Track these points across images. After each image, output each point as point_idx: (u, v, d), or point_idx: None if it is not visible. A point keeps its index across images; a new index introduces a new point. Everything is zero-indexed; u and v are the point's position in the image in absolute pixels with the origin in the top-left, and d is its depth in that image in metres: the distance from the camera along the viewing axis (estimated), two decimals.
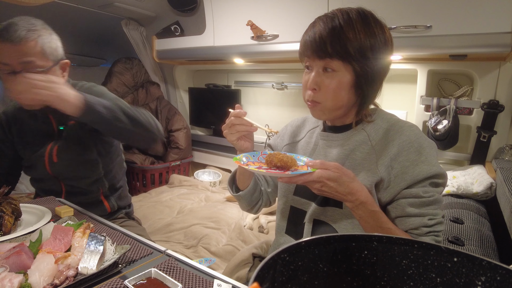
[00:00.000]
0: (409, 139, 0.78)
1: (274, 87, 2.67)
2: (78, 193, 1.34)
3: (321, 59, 0.78)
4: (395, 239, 0.38)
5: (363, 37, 0.75)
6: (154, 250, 0.87)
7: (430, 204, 0.76)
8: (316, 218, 0.87)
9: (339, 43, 0.74)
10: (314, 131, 0.96)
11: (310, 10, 1.93)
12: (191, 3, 2.46)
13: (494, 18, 1.44)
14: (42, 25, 1.13)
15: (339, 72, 0.77)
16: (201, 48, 2.46)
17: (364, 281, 0.38)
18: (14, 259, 0.71)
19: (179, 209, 2.28)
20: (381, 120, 0.85)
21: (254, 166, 0.79)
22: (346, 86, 0.78)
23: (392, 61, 0.83)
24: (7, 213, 0.93)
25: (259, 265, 0.31)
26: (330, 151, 0.87)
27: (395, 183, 0.77)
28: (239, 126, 0.86)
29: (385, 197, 0.80)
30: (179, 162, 3.02)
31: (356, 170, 0.82)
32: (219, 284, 0.71)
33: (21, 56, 1.06)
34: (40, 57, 1.09)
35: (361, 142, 0.83)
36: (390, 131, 0.81)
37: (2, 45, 1.05)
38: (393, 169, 0.78)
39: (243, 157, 0.83)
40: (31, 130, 1.29)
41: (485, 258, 0.33)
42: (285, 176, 0.72)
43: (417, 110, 1.95)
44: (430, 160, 0.76)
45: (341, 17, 0.76)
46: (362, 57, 0.75)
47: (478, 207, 1.52)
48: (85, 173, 1.33)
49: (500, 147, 1.73)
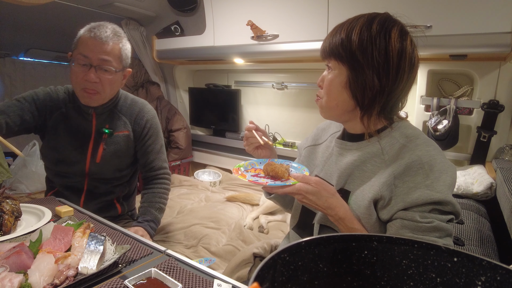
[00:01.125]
0: (420, 159, 0.73)
1: (274, 87, 2.67)
2: (99, 193, 1.38)
3: (324, 58, 0.84)
4: (395, 239, 0.38)
5: (356, 42, 0.76)
6: (154, 250, 0.87)
7: (428, 230, 0.71)
8: (322, 223, 0.88)
9: (335, 43, 0.79)
10: (334, 136, 0.96)
11: (310, 10, 1.93)
12: (191, 3, 2.46)
13: (494, 18, 1.44)
14: (124, 34, 1.29)
15: (335, 70, 0.81)
16: (201, 48, 2.47)
17: (364, 281, 0.38)
18: (14, 259, 0.71)
19: (179, 209, 2.28)
20: (399, 134, 0.81)
21: (253, 173, 0.88)
22: (338, 85, 0.80)
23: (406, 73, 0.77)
24: (7, 213, 0.93)
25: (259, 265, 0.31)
26: (342, 159, 0.87)
27: (395, 202, 0.75)
28: (252, 138, 0.96)
29: (384, 215, 0.77)
30: (179, 162, 3.02)
31: (362, 181, 0.81)
32: (219, 284, 0.71)
33: (103, 54, 1.19)
34: (117, 60, 1.24)
35: (373, 155, 0.81)
36: (404, 148, 0.77)
37: (90, 40, 1.18)
38: (396, 187, 0.75)
39: (247, 164, 0.94)
40: (72, 122, 1.32)
41: (485, 258, 0.33)
42: (266, 187, 0.81)
43: (417, 110, 1.95)
44: (436, 186, 0.71)
45: (349, 22, 0.80)
46: (354, 60, 0.77)
47: (478, 207, 1.52)
48: (117, 177, 1.39)
49: (500, 147, 1.73)
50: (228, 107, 2.89)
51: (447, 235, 0.72)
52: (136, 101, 1.41)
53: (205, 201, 2.47)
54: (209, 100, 3.02)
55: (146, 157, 1.40)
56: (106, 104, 1.32)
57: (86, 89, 1.21)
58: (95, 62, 1.19)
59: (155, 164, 1.42)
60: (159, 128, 1.44)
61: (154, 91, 3.10)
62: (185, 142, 3.01)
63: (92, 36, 1.18)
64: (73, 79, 1.22)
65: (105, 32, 1.19)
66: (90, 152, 1.31)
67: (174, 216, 2.19)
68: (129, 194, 1.50)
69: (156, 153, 1.42)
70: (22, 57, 2.90)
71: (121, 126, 1.35)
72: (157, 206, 1.36)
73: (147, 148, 1.40)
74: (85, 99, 1.24)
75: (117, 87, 1.32)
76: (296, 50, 2.04)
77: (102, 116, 1.33)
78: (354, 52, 0.76)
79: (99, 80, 1.21)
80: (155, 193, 1.39)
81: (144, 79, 3.12)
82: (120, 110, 1.36)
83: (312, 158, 1.00)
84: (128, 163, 1.41)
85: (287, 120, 2.70)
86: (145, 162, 1.41)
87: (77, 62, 1.19)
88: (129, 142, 1.36)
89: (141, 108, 1.40)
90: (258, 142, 0.95)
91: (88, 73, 1.18)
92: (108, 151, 1.32)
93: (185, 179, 2.89)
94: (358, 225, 0.78)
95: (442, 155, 0.75)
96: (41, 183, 2.43)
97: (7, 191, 1.06)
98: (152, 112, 1.43)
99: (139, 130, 1.38)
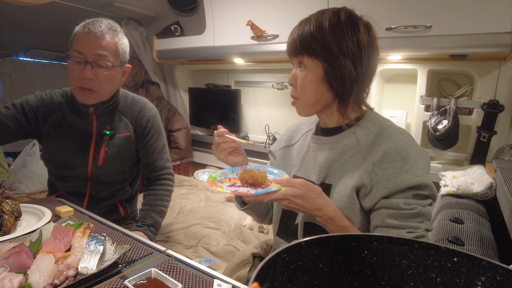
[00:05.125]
0: (396, 146, 0.77)
1: (274, 87, 2.67)
2: (101, 198, 1.36)
3: (295, 56, 0.85)
4: (395, 239, 0.38)
5: (329, 36, 0.78)
6: (154, 250, 0.87)
7: (411, 217, 0.74)
8: (307, 221, 0.88)
9: (307, 42, 0.80)
10: (308, 134, 0.98)
11: (310, 10, 1.91)
12: (191, 3, 2.46)
13: (494, 18, 1.44)
14: (121, 29, 1.26)
15: (309, 67, 0.82)
16: (201, 48, 2.46)
17: (364, 281, 0.38)
18: (14, 259, 0.71)
19: (179, 209, 2.28)
20: (372, 124, 0.84)
21: (229, 183, 0.82)
22: (316, 81, 0.81)
23: (374, 60, 0.83)
24: (7, 213, 0.93)
25: (259, 265, 0.31)
26: (320, 154, 0.88)
27: (377, 189, 0.76)
28: (223, 144, 0.90)
29: (367, 203, 0.79)
30: (179, 162, 3.02)
31: (342, 173, 0.82)
32: (219, 284, 0.71)
33: (98, 49, 1.16)
34: (113, 54, 1.20)
35: (350, 146, 0.84)
36: (379, 136, 0.81)
37: (84, 35, 1.16)
38: (376, 175, 0.77)
39: (220, 174, 0.87)
40: (71, 125, 1.29)
41: (485, 258, 0.33)
42: (250, 196, 0.76)
43: (417, 110, 1.95)
44: (414, 170, 0.74)
45: (315, 18, 0.82)
46: (329, 54, 0.78)
47: (478, 207, 1.52)
48: (119, 180, 1.37)
49: (500, 147, 1.73)
50: (228, 107, 2.89)
51: (427, 219, 0.76)
52: (137, 100, 1.38)
53: (205, 201, 2.47)
54: (209, 100, 3.02)
55: (148, 157, 1.38)
56: (107, 104, 1.29)
57: (82, 87, 1.19)
58: (91, 58, 1.16)
59: (158, 164, 1.39)
60: (161, 127, 1.41)
61: (154, 91, 3.10)
62: (185, 142, 3.01)
63: (86, 31, 1.15)
64: (70, 77, 1.19)
65: (99, 27, 1.17)
66: (91, 155, 1.28)
67: (174, 216, 2.19)
68: (131, 196, 1.49)
69: (158, 152, 1.39)
70: (22, 57, 2.90)
71: (122, 127, 1.32)
72: (158, 210, 1.34)
73: (149, 148, 1.37)
74: (81, 97, 1.21)
75: (116, 84, 1.28)
76: None
77: (102, 117, 1.30)
78: (328, 46, 0.78)
79: (95, 77, 1.17)
80: (157, 195, 1.36)
81: (144, 79, 3.12)
82: (121, 110, 1.34)
83: (287, 159, 1.00)
84: (131, 164, 1.39)
85: (287, 120, 2.70)
86: (148, 162, 1.38)
87: (73, 59, 1.17)
88: (130, 143, 1.34)
89: (142, 107, 1.36)
90: (230, 147, 0.90)
91: (84, 70, 1.15)
92: (110, 154, 1.29)
93: (185, 179, 2.89)
94: (348, 222, 0.79)
95: (414, 141, 0.80)
96: (41, 183, 2.43)
97: (7, 191, 1.06)
98: (153, 111, 1.40)
99: (141, 130, 1.35)
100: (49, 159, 1.33)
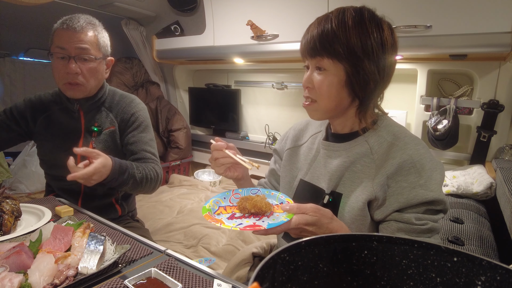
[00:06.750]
0: (411, 159, 0.73)
1: (274, 87, 2.67)
2: (96, 195, 1.35)
3: (313, 58, 0.78)
4: (395, 239, 0.38)
5: (353, 36, 0.73)
6: (154, 250, 0.87)
7: (422, 232, 0.72)
8: None
9: (328, 42, 0.74)
10: (316, 137, 0.94)
11: (310, 10, 1.93)
12: (191, 3, 2.46)
13: (494, 18, 1.44)
14: (99, 23, 1.27)
15: (330, 71, 0.76)
16: (201, 48, 2.47)
17: (364, 281, 0.38)
18: (14, 259, 0.71)
19: (179, 209, 2.28)
20: (386, 132, 0.80)
21: (227, 215, 0.74)
22: (337, 85, 0.76)
23: (394, 62, 0.79)
24: (7, 213, 0.93)
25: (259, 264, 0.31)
26: (331, 161, 0.84)
27: (389, 202, 0.74)
28: (223, 159, 0.84)
29: (378, 215, 0.76)
30: (179, 162, 3.02)
31: (353, 182, 0.80)
32: (219, 284, 0.71)
33: (79, 42, 1.18)
34: (94, 47, 1.22)
35: (362, 155, 0.80)
36: (393, 146, 0.77)
37: (63, 32, 1.18)
38: (389, 187, 0.74)
39: (213, 204, 0.77)
40: (60, 124, 1.30)
41: (485, 258, 0.33)
42: (261, 231, 0.67)
43: (417, 110, 1.95)
44: (429, 185, 0.71)
45: (335, 15, 0.75)
46: (353, 56, 0.73)
47: (478, 207, 1.52)
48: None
49: (500, 147, 1.73)
50: (228, 107, 2.89)
51: (437, 233, 0.74)
52: (125, 96, 1.37)
53: (205, 201, 2.47)
54: (209, 100, 3.02)
55: (132, 146, 1.30)
56: (93, 100, 1.29)
57: (69, 83, 1.20)
58: (73, 52, 1.17)
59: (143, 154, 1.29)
60: (148, 122, 1.37)
61: (154, 91, 3.10)
62: (185, 142, 3.01)
63: (65, 27, 1.18)
64: (55, 74, 1.21)
65: (77, 22, 1.19)
66: None
67: (174, 216, 2.19)
68: (128, 194, 1.48)
69: (143, 143, 1.31)
70: (22, 57, 2.90)
71: (107, 122, 1.31)
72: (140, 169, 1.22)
73: (131, 138, 1.30)
74: (69, 92, 1.22)
75: (101, 77, 1.28)
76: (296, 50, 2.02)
77: (90, 114, 1.30)
78: (352, 47, 0.73)
79: (80, 71, 1.19)
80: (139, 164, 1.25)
81: (144, 79, 3.12)
82: (108, 107, 1.33)
83: (294, 160, 0.96)
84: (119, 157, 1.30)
85: (287, 120, 2.70)
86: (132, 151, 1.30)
87: (56, 56, 1.18)
88: (115, 136, 1.31)
89: (128, 102, 1.35)
90: (231, 162, 0.84)
91: (68, 65, 1.17)
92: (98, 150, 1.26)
93: (185, 179, 2.89)
94: None
95: (430, 153, 0.76)
96: (41, 183, 2.43)
97: (7, 191, 1.06)
98: (140, 106, 1.36)
99: (124, 123, 1.32)
100: (43, 159, 1.35)
